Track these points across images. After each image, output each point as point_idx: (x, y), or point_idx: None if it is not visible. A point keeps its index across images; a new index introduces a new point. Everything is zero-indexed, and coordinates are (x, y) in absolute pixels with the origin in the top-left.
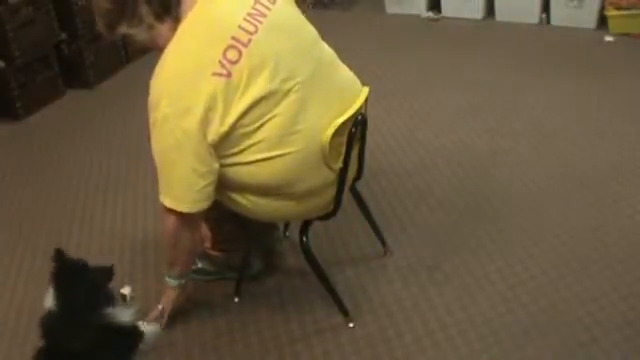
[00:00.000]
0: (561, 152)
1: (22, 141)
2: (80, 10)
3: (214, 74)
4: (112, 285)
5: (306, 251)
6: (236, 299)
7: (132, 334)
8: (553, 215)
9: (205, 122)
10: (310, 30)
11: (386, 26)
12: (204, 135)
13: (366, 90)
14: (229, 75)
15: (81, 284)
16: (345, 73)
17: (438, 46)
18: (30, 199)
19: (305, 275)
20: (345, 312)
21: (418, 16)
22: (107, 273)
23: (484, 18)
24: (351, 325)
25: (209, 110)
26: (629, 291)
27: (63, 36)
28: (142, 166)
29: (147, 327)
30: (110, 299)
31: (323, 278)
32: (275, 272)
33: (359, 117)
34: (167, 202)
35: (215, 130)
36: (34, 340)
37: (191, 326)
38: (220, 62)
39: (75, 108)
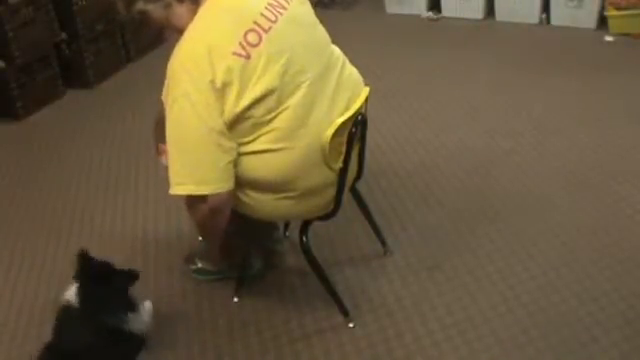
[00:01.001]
0: (561, 152)
1: (22, 141)
2: (80, 10)
3: (234, 53)
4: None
5: (306, 251)
6: (236, 299)
7: (138, 343)
8: (553, 215)
9: (222, 97)
10: (323, 32)
11: (386, 26)
12: (222, 111)
13: (366, 90)
14: (248, 57)
15: (106, 286)
16: (354, 73)
17: (438, 46)
18: (30, 199)
19: (305, 275)
20: (345, 312)
21: (418, 16)
22: (131, 277)
23: (484, 18)
24: (351, 325)
25: (226, 85)
26: (629, 291)
27: (63, 36)
28: (142, 166)
29: (145, 304)
30: (130, 305)
31: (323, 278)
32: (275, 272)
33: (359, 117)
34: (191, 189)
35: (230, 109)
36: (34, 340)
37: (191, 326)
38: (240, 43)
39: (75, 108)
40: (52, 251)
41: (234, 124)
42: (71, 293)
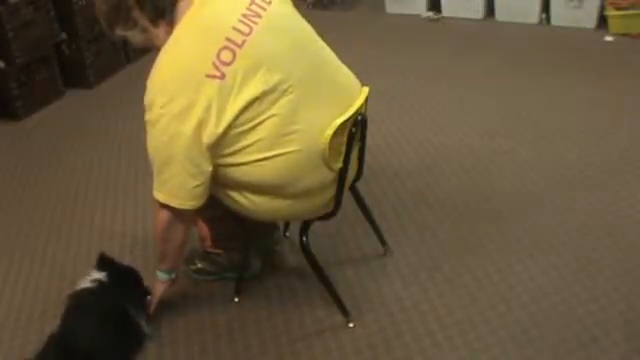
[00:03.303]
0: (561, 152)
1: (22, 141)
2: (80, 10)
3: (208, 76)
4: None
5: (306, 251)
6: (236, 299)
7: (142, 339)
8: (553, 215)
9: (199, 124)
10: (307, 30)
11: (386, 26)
12: (199, 137)
13: (366, 90)
14: (223, 77)
15: (131, 280)
16: (345, 73)
17: (438, 46)
18: (30, 199)
19: (305, 275)
20: (345, 312)
21: (418, 16)
22: (145, 290)
23: (484, 18)
24: (351, 325)
25: (203, 112)
26: (629, 291)
27: (63, 36)
28: (142, 166)
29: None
30: (145, 305)
31: (323, 278)
32: (275, 272)
33: (359, 117)
34: (161, 197)
35: (211, 132)
36: (34, 340)
37: (191, 326)
38: (214, 64)
39: (75, 108)
40: (52, 251)
41: (219, 140)
42: (93, 277)
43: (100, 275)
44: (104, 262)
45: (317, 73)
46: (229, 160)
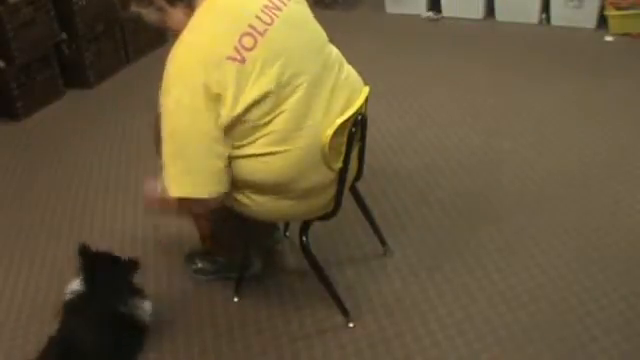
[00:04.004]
0: (561, 152)
1: (22, 141)
2: (80, 10)
3: (229, 58)
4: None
5: (306, 251)
6: (236, 299)
7: (142, 330)
8: (553, 215)
9: (218, 102)
10: (320, 31)
11: (386, 26)
12: (218, 115)
13: (366, 90)
14: (243, 61)
15: (109, 274)
16: (352, 73)
17: (438, 46)
18: (30, 199)
19: (305, 275)
20: (345, 312)
21: (418, 16)
22: (132, 265)
23: (484, 18)
24: (351, 325)
25: (222, 90)
26: (629, 291)
27: (63, 36)
28: (142, 166)
29: (145, 304)
30: (133, 291)
31: (323, 278)
32: (275, 272)
33: (359, 117)
34: (188, 192)
35: (227, 113)
36: (34, 340)
37: (191, 326)
38: (235, 47)
39: (75, 108)
40: (52, 251)
41: (231, 128)
42: (75, 285)
43: (79, 286)
44: (84, 254)
45: (327, 73)
46: (237, 152)
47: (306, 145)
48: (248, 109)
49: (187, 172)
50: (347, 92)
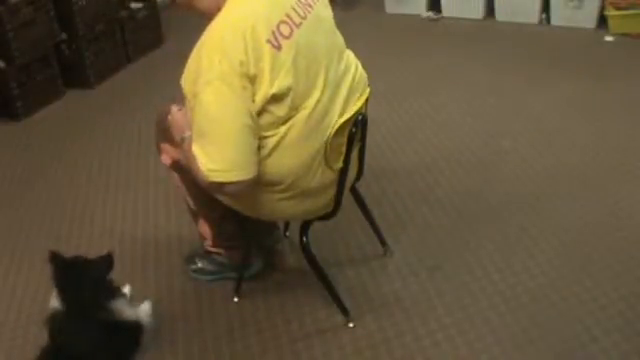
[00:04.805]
0: (561, 152)
1: (22, 141)
2: (80, 10)
3: (267, 41)
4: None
5: (306, 251)
6: (236, 299)
7: (135, 330)
8: (553, 215)
9: (254, 83)
10: (340, 37)
11: (386, 26)
12: (253, 94)
13: (367, 91)
14: (279, 48)
15: (82, 280)
16: (363, 76)
17: (438, 46)
18: (30, 199)
19: (305, 275)
20: (345, 312)
21: (418, 16)
22: (106, 263)
23: (484, 18)
24: (351, 325)
25: (258, 71)
26: (629, 291)
27: (63, 36)
28: (142, 166)
29: (143, 306)
30: (112, 291)
31: (323, 278)
32: (275, 272)
33: (359, 117)
34: (227, 176)
35: (263, 94)
36: (34, 340)
37: (191, 326)
38: (273, 32)
39: (75, 108)
40: (48, 254)
41: (258, 115)
42: (54, 300)
43: (57, 304)
44: (55, 263)
45: (344, 78)
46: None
47: (319, 145)
48: (276, 97)
49: (231, 151)
50: (358, 94)
